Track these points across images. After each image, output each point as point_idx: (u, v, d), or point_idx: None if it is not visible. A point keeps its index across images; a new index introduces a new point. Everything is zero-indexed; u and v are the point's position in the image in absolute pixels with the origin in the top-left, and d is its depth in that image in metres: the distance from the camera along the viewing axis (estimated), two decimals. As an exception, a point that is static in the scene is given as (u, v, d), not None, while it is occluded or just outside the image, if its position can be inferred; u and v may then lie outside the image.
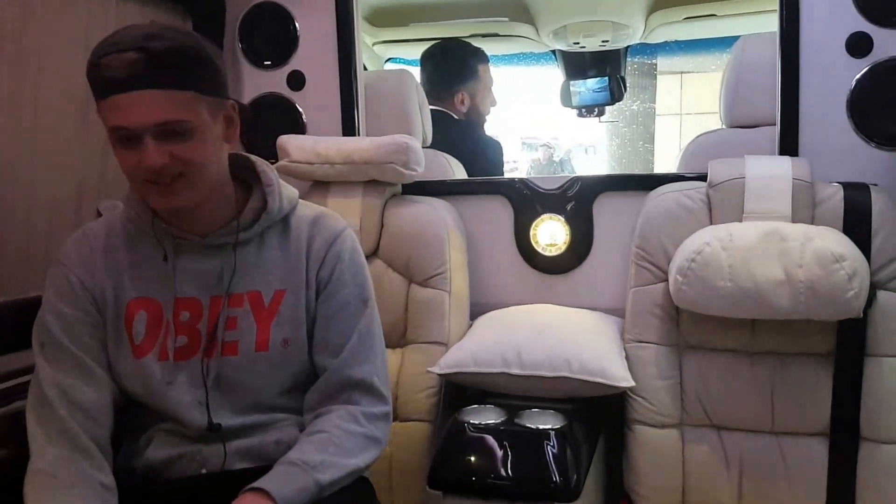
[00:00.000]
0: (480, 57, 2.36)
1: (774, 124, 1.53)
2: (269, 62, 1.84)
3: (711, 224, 1.40)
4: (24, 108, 1.33)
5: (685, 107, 5.89)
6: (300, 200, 1.17)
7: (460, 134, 2.21)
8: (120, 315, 1.06)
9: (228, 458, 1.06)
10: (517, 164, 5.97)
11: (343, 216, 1.54)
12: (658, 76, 5.58)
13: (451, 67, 2.31)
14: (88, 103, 1.46)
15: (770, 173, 1.38)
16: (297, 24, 1.81)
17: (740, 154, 1.45)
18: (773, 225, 1.30)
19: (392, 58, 2.87)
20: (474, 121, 2.34)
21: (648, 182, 1.58)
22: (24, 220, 1.36)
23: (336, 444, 1.03)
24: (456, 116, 2.28)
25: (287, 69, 1.83)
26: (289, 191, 1.15)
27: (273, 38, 1.83)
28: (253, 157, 1.14)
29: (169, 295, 1.05)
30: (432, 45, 2.39)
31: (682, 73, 5.72)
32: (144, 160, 0.94)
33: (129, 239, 1.09)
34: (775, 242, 1.27)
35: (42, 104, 1.37)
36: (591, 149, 6.29)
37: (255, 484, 0.96)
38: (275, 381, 1.09)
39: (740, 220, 1.37)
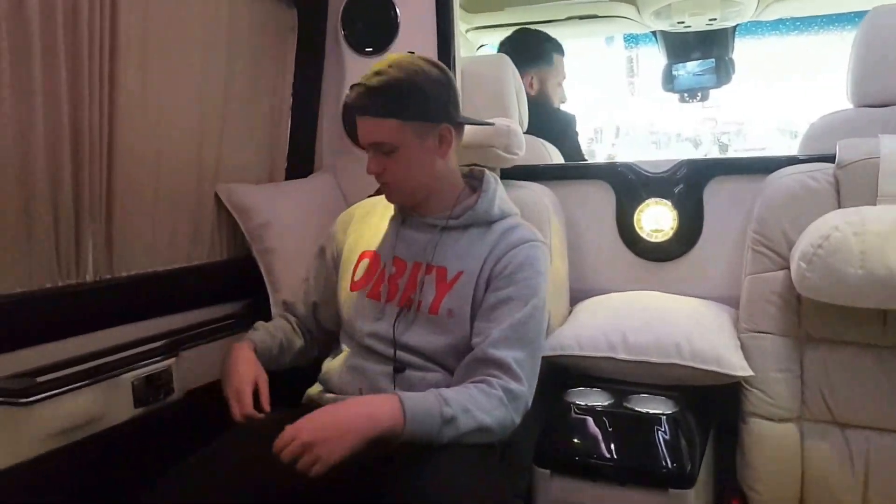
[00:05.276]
0: (556, 46, 2.34)
1: (910, 102, 1.42)
2: (370, 49, 1.86)
3: (839, 207, 1.31)
4: (149, 104, 1.41)
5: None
6: (519, 219, 1.30)
7: (532, 114, 2.11)
8: (352, 259, 1.34)
9: (391, 382, 1.20)
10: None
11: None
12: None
13: (525, 49, 2.29)
14: (204, 99, 1.56)
15: None
16: (397, 11, 1.83)
17: (868, 135, 1.36)
18: (912, 209, 1.21)
19: (484, 44, 2.87)
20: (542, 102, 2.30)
21: (766, 164, 1.50)
22: (151, 201, 1.45)
23: (468, 395, 1.09)
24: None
25: (387, 55, 1.85)
26: (507, 205, 1.31)
27: (374, 24, 1.85)
28: (486, 171, 1.33)
29: (388, 253, 1.28)
30: (511, 32, 2.37)
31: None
32: (367, 167, 1.23)
33: (384, 211, 1.36)
34: (915, 227, 1.17)
35: (164, 101, 1.45)
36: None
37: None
38: (440, 341, 1.21)
39: (873, 204, 1.28)
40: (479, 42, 2.79)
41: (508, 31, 2.44)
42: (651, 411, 1.22)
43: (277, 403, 1.22)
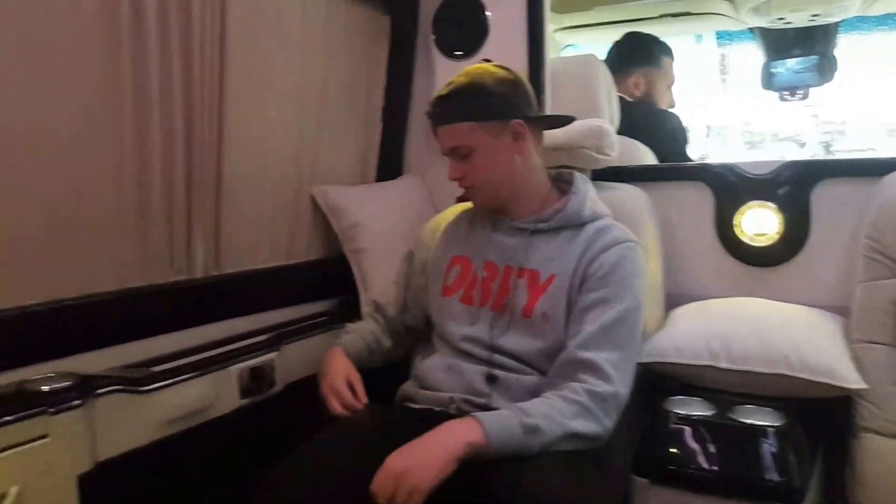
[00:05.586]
0: (665, 49, 2.27)
1: None
2: (459, 52, 1.87)
3: None
4: (253, 109, 1.46)
5: None
6: (611, 220, 1.29)
7: (633, 115, 2.06)
8: (443, 264, 1.35)
9: (486, 383, 1.20)
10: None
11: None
12: None
13: (631, 50, 2.24)
14: (303, 102, 1.60)
15: None
16: (487, 14, 1.83)
17: None
18: None
19: (569, 45, 2.83)
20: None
21: (879, 166, 1.42)
22: (255, 202, 1.51)
23: (549, 404, 1.08)
24: (629, 99, 2.19)
25: (477, 59, 1.85)
26: (598, 206, 1.29)
27: (464, 28, 1.86)
28: (575, 174, 1.33)
29: (480, 258, 1.29)
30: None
31: None
32: (449, 174, 1.27)
33: (473, 217, 1.38)
34: None
35: (267, 105, 1.51)
36: None
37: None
38: (534, 344, 1.21)
39: None
40: (564, 42, 2.75)
41: (597, 31, 2.41)
42: (758, 423, 1.17)
43: (369, 400, 1.26)
